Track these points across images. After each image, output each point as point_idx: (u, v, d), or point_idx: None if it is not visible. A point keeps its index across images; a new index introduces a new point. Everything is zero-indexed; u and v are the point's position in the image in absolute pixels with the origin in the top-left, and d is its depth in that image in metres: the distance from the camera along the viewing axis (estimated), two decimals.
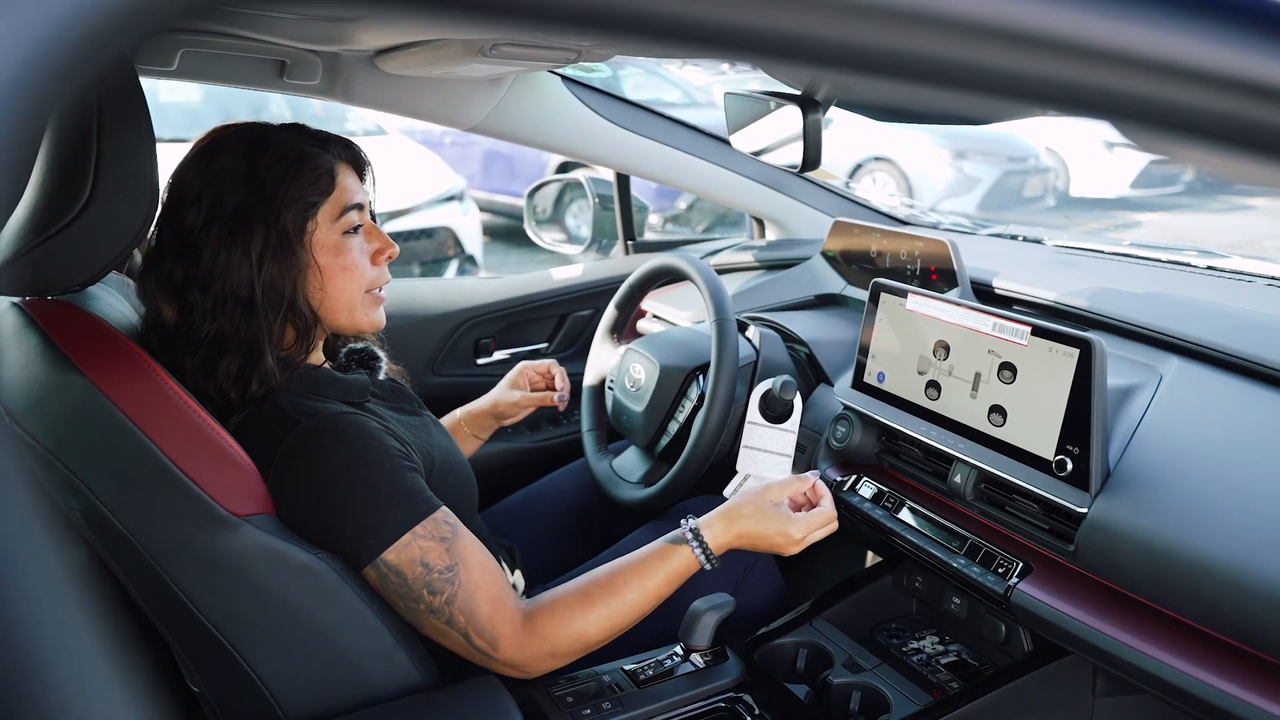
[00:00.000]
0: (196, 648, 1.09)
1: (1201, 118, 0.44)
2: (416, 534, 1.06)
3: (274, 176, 1.10)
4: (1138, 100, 0.43)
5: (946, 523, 1.31)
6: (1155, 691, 1.04)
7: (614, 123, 2.00)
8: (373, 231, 1.20)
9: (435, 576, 1.06)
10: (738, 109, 1.54)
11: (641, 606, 1.18)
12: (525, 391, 1.62)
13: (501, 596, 1.11)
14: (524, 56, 1.32)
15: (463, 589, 1.08)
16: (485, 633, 1.09)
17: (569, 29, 0.43)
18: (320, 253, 1.14)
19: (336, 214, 1.14)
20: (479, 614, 1.09)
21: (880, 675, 1.34)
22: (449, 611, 1.07)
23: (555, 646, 1.13)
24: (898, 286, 1.37)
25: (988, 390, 1.23)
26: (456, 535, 1.10)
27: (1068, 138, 8.38)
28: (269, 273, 1.10)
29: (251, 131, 1.14)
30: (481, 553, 1.12)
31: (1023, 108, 0.47)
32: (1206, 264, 1.63)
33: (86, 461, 1.01)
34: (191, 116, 5.17)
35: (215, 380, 1.10)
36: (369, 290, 1.19)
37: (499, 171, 7.58)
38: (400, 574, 1.06)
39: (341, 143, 1.18)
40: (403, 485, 1.08)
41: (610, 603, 1.16)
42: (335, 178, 1.14)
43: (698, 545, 1.21)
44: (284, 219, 1.10)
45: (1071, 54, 0.42)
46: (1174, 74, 0.42)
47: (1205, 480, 1.06)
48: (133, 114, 1.01)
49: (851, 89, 1.36)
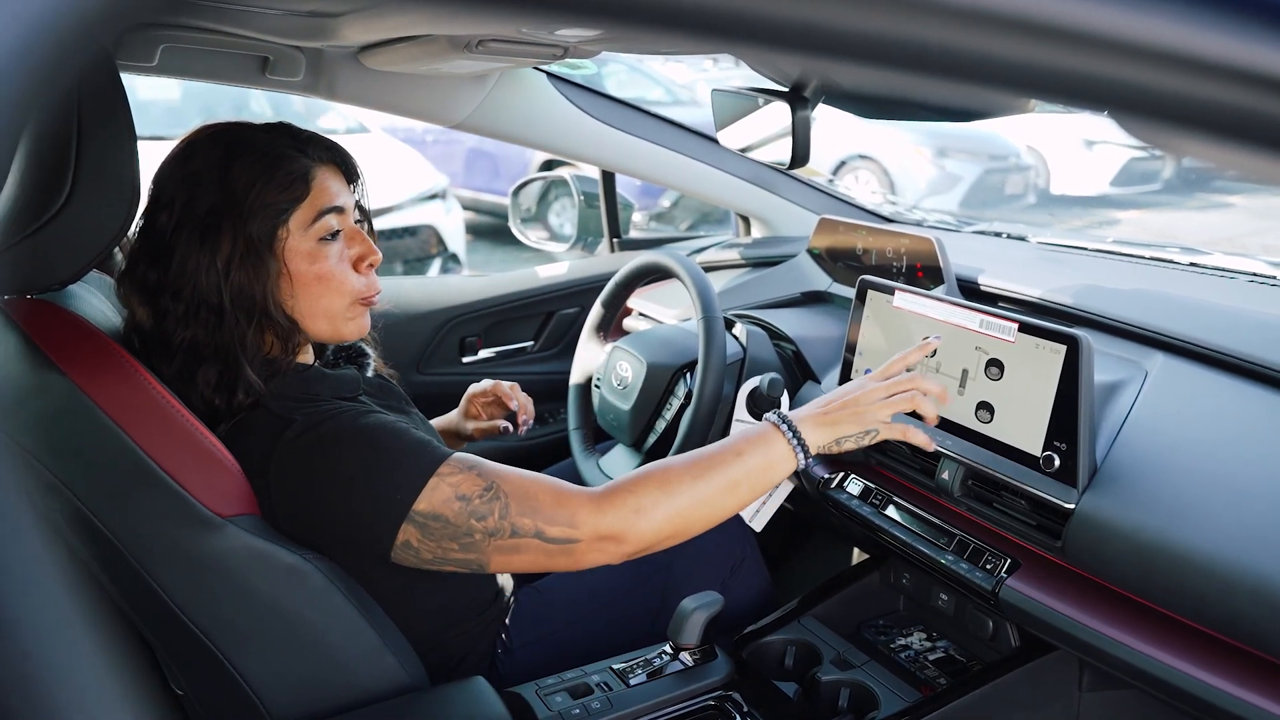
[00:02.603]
0: (180, 650, 1.08)
1: (1194, 107, 0.43)
2: (441, 474, 1.03)
3: (245, 181, 1.06)
4: (1128, 89, 0.43)
5: (934, 519, 1.31)
6: (1142, 686, 1.05)
7: (599, 120, 2.00)
8: (354, 236, 1.15)
9: (477, 503, 1.03)
10: (725, 106, 1.54)
11: (734, 485, 1.10)
12: (478, 421, 1.55)
13: (559, 486, 1.07)
14: (509, 53, 1.31)
15: (512, 497, 1.04)
16: (558, 518, 1.04)
17: (556, 17, 0.42)
18: (293, 260, 1.10)
19: (310, 219, 1.10)
20: (543, 507, 1.04)
21: (868, 672, 1.34)
22: (508, 525, 1.03)
23: (640, 501, 1.05)
24: (885, 284, 1.37)
25: (975, 387, 1.23)
26: (482, 463, 1.06)
27: (1048, 136, 8.43)
28: (236, 280, 1.06)
29: (230, 133, 1.11)
30: (516, 468, 1.08)
31: (1015, 98, 0.47)
32: (1189, 261, 1.64)
33: (68, 462, 1.00)
34: (172, 114, 5.13)
35: (195, 388, 1.07)
36: (358, 300, 1.15)
37: (483, 169, 7.56)
38: (439, 517, 1.02)
39: (324, 144, 1.14)
40: (412, 440, 1.06)
41: (698, 472, 1.08)
42: (311, 181, 1.10)
43: (789, 432, 1.12)
44: (251, 226, 1.06)
45: (1065, 41, 0.42)
46: (1166, 62, 0.41)
47: (1191, 476, 1.07)
48: (114, 111, 1.00)
49: (839, 83, 1.36)
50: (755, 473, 1.11)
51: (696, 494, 1.08)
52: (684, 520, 1.08)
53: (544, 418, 2.17)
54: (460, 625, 1.23)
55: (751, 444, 1.12)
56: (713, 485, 1.08)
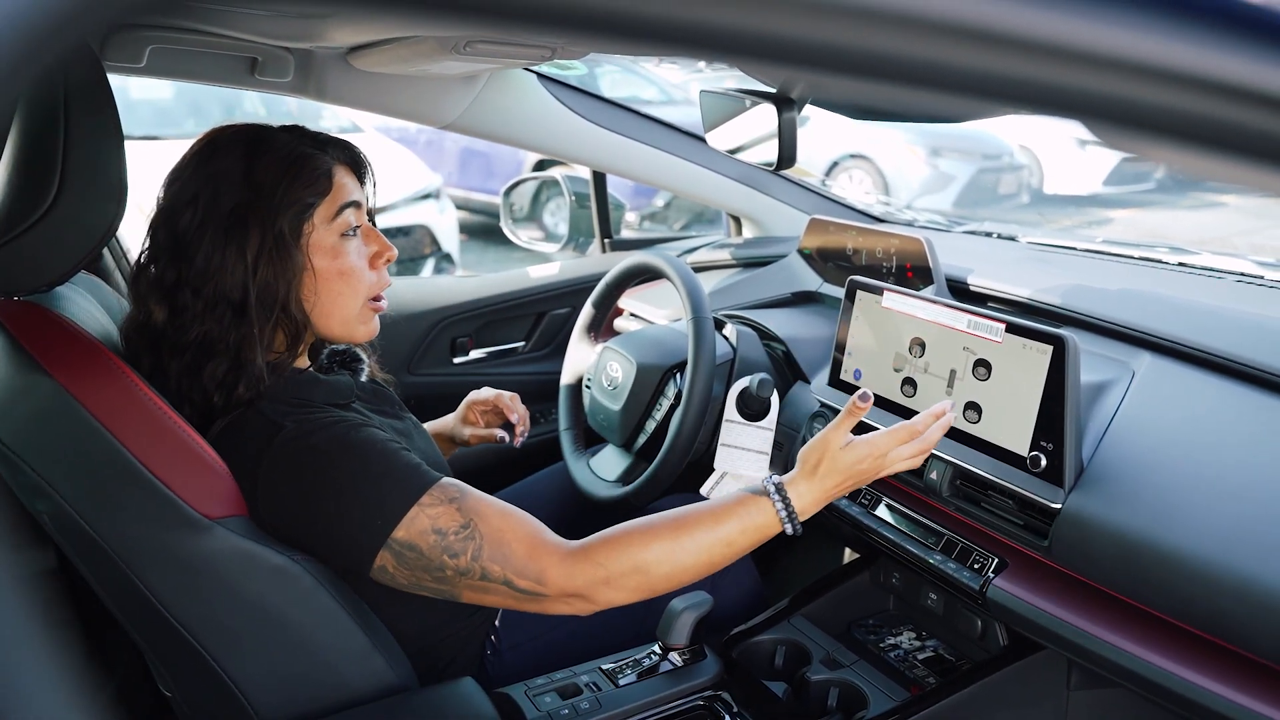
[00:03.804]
0: (168, 651, 1.08)
1: (1174, 118, 0.44)
2: (423, 504, 1.03)
3: (272, 178, 1.08)
4: (1109, 100, 0.43)
5: (923, 519, 1.32)
6: (1129, 685, 1.05)
7: (590, 120, 2.00)
8: (370, 234, 1.18)
9: (451, 539, 1.02)
10: (713, 107, 1.54)
11: (710, 552, 1.08)
12: (475, 428, 1.56)
13: (535, 533, 1.05)
14: (498, 54, 1.31)
15: (487, 540, 1.03)
16: (528, 571, 1.03)
17: (538, 27, 0.42)
18: (316, 255, 1.12)
19: (333, 214, 1.12)
20: (514, 556, 1.03)
21: (858, 671, 1.34)
22: (479, 567, 1.02)
23: (610, 573, 1.04)
24: (874, 284, 1.37)
25: (963, 387, 1.23)
26: (465, 494, 1.06)
27: (1041, 136, 8.45)
28: (264, 275, 1.08)
29: (250, 132, 1.12)
30: (496, 503, 1.07)
31: (991, 107, 0.47)
32: (1178, 261, 1.64)
33: (54, 464, 1.00)
34: (162, 114, 5.12)
35: (200, 383, 1.08)
36: (370, 299, 1.17)
37: (476, 169, 7.56)
38: (415, 548, 1.02)
39: (340, 144, 1.17)
40: (400, 463, 1.06)
41: (675, 537, 1.07)
42: (333, 178, 1.12)
43: (779, 500, 1.10)
44: (281, 221, 1.08)
45: (1043, 54, 0.42)
46: (1145, 74, 0.42)
47: (1177, 475, 1.07)
48: (100, 111, 1.00)
49: (826, 88, 1.36)
50: (735, 542, 1.09)
51: (672, 565, 1.06)
52: (653, 590, 1.07)
53: (535, 418, 2.16)
54: (449, 626, 1.23)
55: (734, 514, 1.09)
56: (689, 558, 1.07)
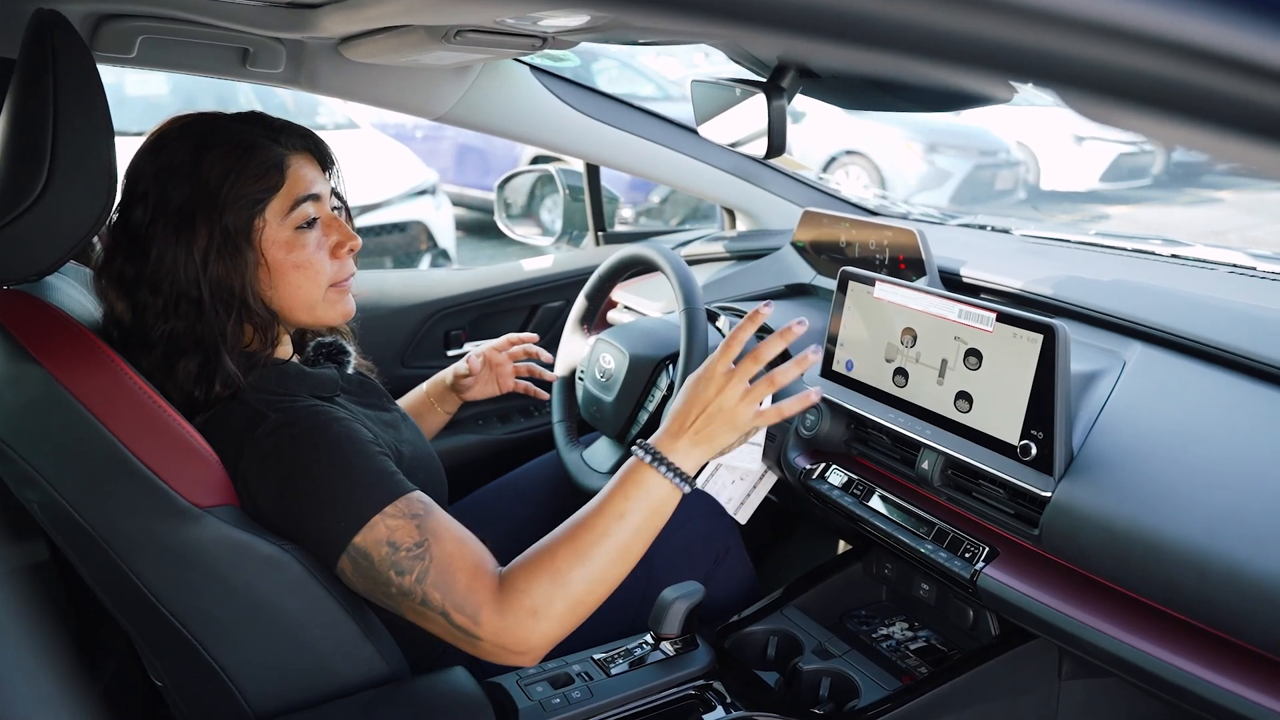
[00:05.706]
0: (159, 641, 1.08)
1: (1181, 92, 0.43)
2: (386, 514, 1.02)
3: (219, 173, 1.06)
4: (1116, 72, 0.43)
5: (915, 509, 1.32)
6: (1120, 673, 1.05)
7: (583, 113, 2.00)
8: (331, 223, 1.15)
9: (402, 555, 1.01)
10: (704, 97, 1.54)
11: (625, 546, 1.05)
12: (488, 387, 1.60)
13: (480, 564, 1.03)
14: (488, 44, 1.31)
15: (435, 564, 1.01)
16: (465, 607, 1.00)
17: None
18: (271, 250, 1.10)
19: (287, 208, 1.10)
20: (456, 587, 1.00)
21: (850, 661, 1.34)
22: (421, 591, 1.00)
23: (535, 602, 1.00)
24: (865, 275, 1.37)
25: (954, 377, 1.23)
26: (429, 513, 1.04)
27: (1038, 131, 8.46)
28: (215, 272, 1.07)
29: (200, 124, 1.10)
30: (457, 528, 1.05)
31: (992, 79, 0.47)
32: (1170, 252, 1.65)
33: (44, 453, 1.00)
34: (157, 110, 5.10)
35: (175, 381, 1.08)
36: (332, 285, 1.16)
37: (472, 165, 7.55)
38: (368, 557, 1.01)
39: (298, 132, 1.14)
40: (374, 468, 1.05)
41: (585, 545, 1.03)
42: (285, 170, 1.10)
43: (660, 465, 1.07)
44: (227, 218, 1.06)
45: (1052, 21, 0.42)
46: (1152, 45, 0.41)
47: (1166, 464, 1.07)
48: (90, 101, 0.99)
49: (816, 69, 1.36)
50: (643, 529, 1.06)
51: (589, 574, 1.03)
52: (585, 605, 1.04)
53: (528, 410, 2.17)
54: None
55: (630, 499, 1.06)
56: (603, 560, 1.04)
